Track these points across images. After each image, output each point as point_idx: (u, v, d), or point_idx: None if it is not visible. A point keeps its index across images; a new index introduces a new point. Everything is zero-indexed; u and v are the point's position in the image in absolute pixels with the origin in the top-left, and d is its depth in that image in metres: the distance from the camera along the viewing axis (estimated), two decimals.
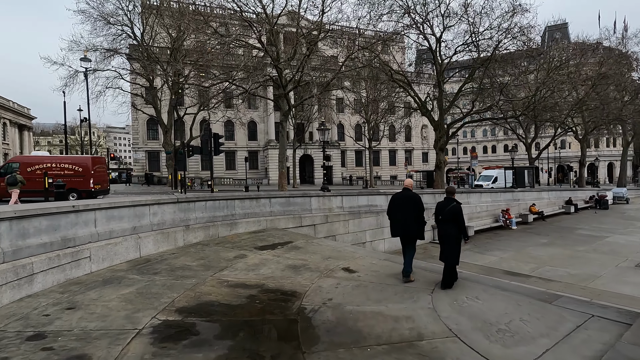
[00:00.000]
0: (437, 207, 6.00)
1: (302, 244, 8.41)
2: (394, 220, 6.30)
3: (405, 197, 6.29)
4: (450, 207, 5.77)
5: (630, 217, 21.58)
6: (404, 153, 52.66)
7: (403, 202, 6.25)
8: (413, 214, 6.14)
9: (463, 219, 5.80)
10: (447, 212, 5.76)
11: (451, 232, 5.75)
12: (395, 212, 6.29)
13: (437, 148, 20.05)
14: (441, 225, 5.93)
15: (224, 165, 40.85)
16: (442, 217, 5.84)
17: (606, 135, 46.90)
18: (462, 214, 5.80)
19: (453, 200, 5.87)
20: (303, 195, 11.93)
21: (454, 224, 5.76)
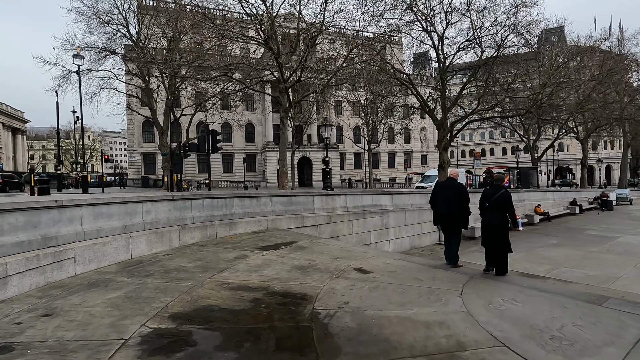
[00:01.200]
0: (482, 195, 5.84)
1: (307, 244, 7.83)
2: (438, 209, 6.24)
3: (449, 186, 6.19)
4: (499, 194, 5.53)
5: (637, 217, 21.18)
6: (403, 155, 52.29)
7: (447, 191, 6.13)
8: (457, 203, 6.02)
9: (513, 206, 5.55)
10: (496, 200, 5.51)
11: (498, 220, 5.53)
12: (439, 201, 6.19)
13: (441, 148, 19.57)
14: (488, 212, 5.69)
15: (221, 168, 40.21)
16: (489, 204, 5.60)
17: (605, 137, 46.75)
18: (512, 200, 5.57)
19: (501, 187, 5.69)
20: (305, 194, 11.37)
21: (502, 211, 5.57)
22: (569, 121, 31.44)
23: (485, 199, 5.74)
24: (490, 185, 5.97)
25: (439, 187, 6.42)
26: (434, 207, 6.40)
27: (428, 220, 14.92)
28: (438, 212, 6.25)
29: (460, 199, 6.01)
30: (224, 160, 40.22)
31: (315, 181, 42.72)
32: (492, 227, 5.55)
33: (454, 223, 6.14)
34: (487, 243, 5.77)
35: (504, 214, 5.53)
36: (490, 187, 5.83)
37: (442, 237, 15.46)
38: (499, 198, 5.54)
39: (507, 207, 5.55)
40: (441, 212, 6.19)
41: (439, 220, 6.30)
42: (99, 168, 60.05)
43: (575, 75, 25.13)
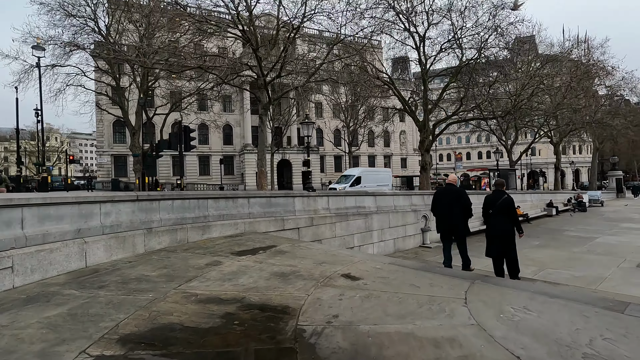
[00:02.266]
0: (485, 201, 5.86)
1: (288, 247, 7.18)
2: (438, 215, 6.22)
3: (449, 192, 6.16)
4: (502, 199, 5.52)
5: (611, 218, 21.71)
6: (383, 158, 52.41)
7: (447, 198, 6.08)
8: (458, 210, 6.01)
9: (516, 212, 5.51)
10: (499, 205, 5.49)
11: (504, 226, 5.56)
12: (440, 208, 6.17)
13: (423, 149, 19.40)
14: (492, 219, 5.70)
15: (197, 170, 38.86)
16: (493, 210, 5.59)
17: (575, 142, 48.55)
18: (515, 206, 5.57)
19: (504, 193, 5.68)
20: (285, 195, 10.71)
21: (507, 217, 5.60)
22: (544, 125, 32.27)
23: (489, 206, 5.71)
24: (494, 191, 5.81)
25: (439, 193, 6.35)
26: (435, 214, 6.34)
27: (412, 223, 14.57)
28: (439, 220, 6.15)
29: (462, 205, 5.94)
30: (200, 162, 38.90)
31: (295, 184, 42.02)
32: (499, 234, 5.52)
33: (457, 230, 6.10)
34: (493, 251, 5.76)
35: (508, 219, 5.51)
36: (493, 193, 5.78)
37: (426, 240, 15.16)
38: (503, 204, 5.51)
39: (510, 212, 5.53)
40: (443, 219, 6.10)
41: (442, 228, 6.19)
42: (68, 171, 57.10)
43: (548, 81, 25.74)
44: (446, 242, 6.57)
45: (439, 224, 6.32)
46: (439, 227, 6.37)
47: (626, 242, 14.23)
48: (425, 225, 15.04)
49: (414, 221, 14.59)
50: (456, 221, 6.00)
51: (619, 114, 34.88)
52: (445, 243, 6.57)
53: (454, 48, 17.94)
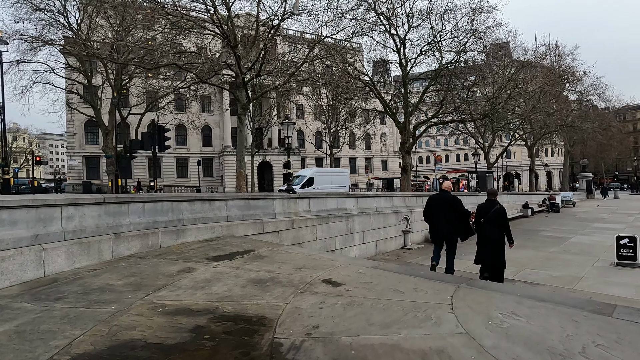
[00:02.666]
0: (478, 209, 5.89)
1: (267, 252, 6.88)
2: (432, 222, 6.21)
3: (442, 198, 6.10)
4: (495, 209, 5.55)
5: (583, 218, 22.44)
6: (364, 160, 52.63)
7: (440, 204, 6.05)
8: (452, 216, 5.97)
9: (508, 221, 5.57)
10: (492, 214, 5.52)
11: (495, 235, 5.61)
12: (433, 214, 6.14)
13: (404, 151, 19.46)
14: (483, 227, 5.70)
15: (174, 172, 37.76)
16: (485, 219, 5.61)
17: (548, 145, 50.27)
18: (507, 216, 5.61)
19: (496, 202, 5.69)
20: (265, 197, 10.39)
21: (498, 226, 5.63)
22: (519, 129, 33.20)
23: (481, 214, 5.71)
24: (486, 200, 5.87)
25: (432, 200, 6.29)
26: (428, 220, 6.34)
27: (393, 224, 14.51)
28: (432, 226, 6.20)
29: (455, 211, 5.94)
30: (178, 164, 37.83)
31: (275, 186, 41.50)
32: (490, 242, 5.55)
33: (448, 235, 6.09)
34: (483, 260, 5.81)
35: (500, 229, 5.54)
36: (485, 202, 5.77)
37: (407, 241, 15.14)
38: (495, 213, 5.53)
39: (502, 222, 5.56)
40: (435, 226, 6.11)
41: (433, 234, 6.24)
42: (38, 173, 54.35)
43: (523, 85, 26.47)
44: (437, 245, 6.53)
45: (432, 229, 6.38)
46: (432, 233, 6.46)
47: (599, 242, 14.66)
48: (406, 227, 15.02)
49: (396, 223, 14.54)
50: (448, 228, 6.02)
51: (589, 119, 36.36)
52: (436, 246, 6.54)
53: (433, 51, 18.16)
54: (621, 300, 7.88)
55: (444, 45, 17.85)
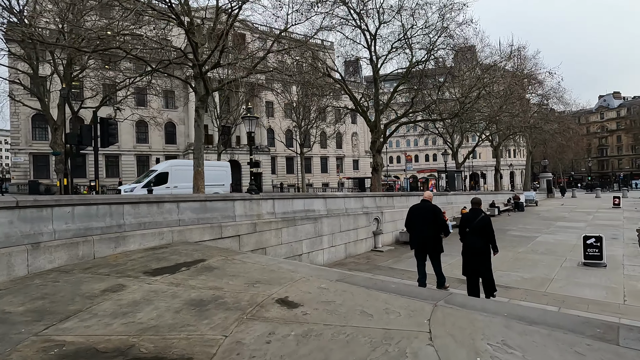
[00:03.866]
0: (462, 219, 5.85)
1: (219, 262, 6.00)
2: (413, 232, 6.20)
3: (423, 208, 6.12)
4: (479, 218, 5.51)
5: (546, 217, 23.04)
6: (335, 160, 52.24)
7: (421, 214, 6.05)
8: (433, 226, 5.99)
9: (493, 231, 5.50)
10: (477, 224, 5.46)
11: (481, 245, 5.54)
12: (414, 224, 6.15)
13: (374, 150, 19.03)
14: (468, 237, 5.63)
15: (135, 171, 35.52)
16: (470, 229, 5.55)
17: (512, 146, 52.10)
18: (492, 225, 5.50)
19: (480, 212, 5.65)
20: (224, 198, 9.45)
21: (484, 236, 5.57)
22: (486, 129, 33.95)
23: (465, 224, 5.66)
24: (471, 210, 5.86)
25: (414, 209, 6.26)
26: (409, 230, 6.33)
27: (364, 226, 13.95)
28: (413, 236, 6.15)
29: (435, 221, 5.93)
30: (138, 163, 35.61)
31: (244, 186, 40.14)
32: (475, 252, 5.48)
33: (432, 247, 6.07)
34: (469, 271, 5.74)
35: (485, 239, 5.49)
36: (470, 212, 5.75)
37: (377, 243, 14.64)
38: (480, 223, 5.48)
39: (487, 232, 5.50)
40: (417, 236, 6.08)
41: (415, 244, 6.15)
42: None
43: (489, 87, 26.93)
44: (420, 259, 6.47)
45: (413, 240, 6.31)
46: (412, 243, 6.35)
47: (564, 241, 14.86)
48: (377, 228, 14.53)
49: (366, 224, 14.00)
50: (430, 238, 6.04)
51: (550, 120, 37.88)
52: (419, 260, 6.47)
53: (404, 48, 17.85)
54: (594, 304, 7.69)
55: (415, 42, 17.66)
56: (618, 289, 8.56)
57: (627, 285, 8.78)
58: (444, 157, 24.38)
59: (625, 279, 9.31)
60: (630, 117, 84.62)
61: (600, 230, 17.46)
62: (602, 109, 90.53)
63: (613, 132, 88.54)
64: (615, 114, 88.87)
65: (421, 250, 6.31)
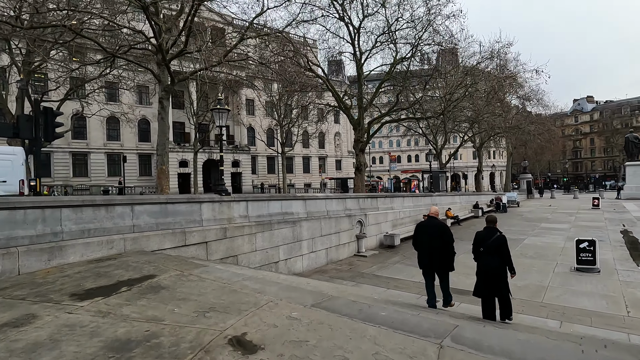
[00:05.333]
0: (476, 238, 5.56)
1: (171, 279, 4.95)
2: (420, 251, 5.99)
3: (431, 225, 5.93)
4: (494, 237, 5.23)
5: (529, 218, 22.82)
6: (317, 160, 51.29)
7: (429, 232, 5.88)
8: (441, 244, 5.77)
9: (509, 251, 5.21)
10: (492, 244, 5.19)
11: (496, 266, 5.19)
12: (421, 242, 5.98)
13: (358, 149, 18.22)
14: (483, 258, 5.33)
15: (105, 170, 33.53)
16: (484, 249, 5.28)
17: (493, 147, 52.57)
18: (507, 245, 5.24)
19: (496, 230, 5.37)
20: (188, 200, 8.34)
21: (499, 256, 5.22)
22: (470, 130, 33.81)
23: (479, 244, 5.37)
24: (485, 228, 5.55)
25: (421, 227, 6.13)
26: (416, 248, 6.13)
27: (346, 229, 13.07)
28: (421, 254, 6.01)
29: (444, 239, 5.76)
30: (109, 161, 33.61)
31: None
32: (491, 275, 5.13)
33: (440, 265, 5.85)
34: (483, 292, 5.34)
35: (500, 259, 5.14)
36: (484, 230, 5.48)
37: (361, 247, 13.79)
38: (495, 242, 5.17)
39: (503, 252, 5.15)
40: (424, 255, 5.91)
41: (423, 263, 6.00)
42: None
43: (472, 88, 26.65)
44: (428, 278, 6.12)
45: (420, 259, 6.02)
46: (420, 262, 6.05)
47: (552, 244, 14.42)
48: (360, 231, 13.67)
49: (349, 227, 13.12)
50: (439, 257, 5.79)
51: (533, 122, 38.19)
52: (428, 279, 6.13)
53: (388, 42, 17.13)
54: (596, 316, 7.05)
55: (400, 37, 16.95)
56: (618, 299, 7.98)
57: (627, 294, 8.22)
58: (429, 157, 23.83)
59: (623, 287, 8.77)
60: (602, 120, 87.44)
61: (584, 232, 17.26)
62: (576, 112, 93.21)
63: (586, 134, 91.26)
64: (588, 118, 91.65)
65: (429, 270, 6.01)
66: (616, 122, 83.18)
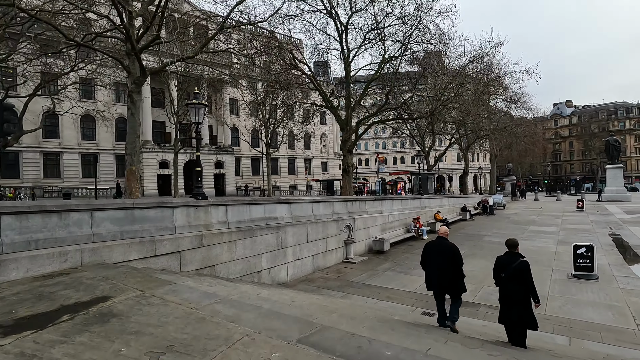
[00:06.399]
0: (497, 263, 5.30)
1: (128, 302, 4.11)
2: (429, 272, 5.91)
3: (440, 246, 5.82)
4: (517, 263, 4.97)
5: (517, 221, 22.65)
6: (303, 162, 50.47)
7: (439, 253, 5.77)
8: (451, 267, 5.62)
9: (532, 278, 4.93)
10: (514, 270, 4.95)
11: (518, 293, 4.87)
12: (430, 263, 5.87)
13: (345, 150, 17.55)
14: (504, 284, 5.09)
15: (79, 172, 31.85)
16: (505, 274, 5.06)
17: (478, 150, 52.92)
18: (531, 271, 4.96)
19: (518, 256, 5.11)
20: (159, 205, 7.44)
21: (521, 283, 4.95)
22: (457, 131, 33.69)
23: (501, 269, 5.13)
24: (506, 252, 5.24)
25: (430, 247, 5.97)
26: (425, 269, 6.04)
27: (334, 234, 12.34)
28: (429, 276, 5.90)
29: (454, 262, 5.62)
30: (84, 161, 31.90)
31: (205, 188, 37.30)
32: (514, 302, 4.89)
33: (451, 289, 5.68)
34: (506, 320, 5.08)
35: (523, 286, 4.86)
36: (505, 255, 5.21)
37: (349, 253, 13.08)
38: (517, 268, 4.90)
39: (526, 278, 4.86)
40: (433, 276, 5.79)
41: (432, 286, 5.85)
42: None
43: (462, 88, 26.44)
44: (440, 300, 5.88)
45: (429, 280, 5.85)
46: (428, 283, 5.87)
47: (544, 248, 14.06)
48: (348, 236, 12.98)
49: (336, 232, 12.40)
50: (449, 279, 5.60)
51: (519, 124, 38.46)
52: (439, 301, 5.88)
53: (377, 40, 16.56)
54: (605, 330, 6.54)
55: (389, 34, 16.40)
56: (623, 310, 7.53)
57: (631, 304, 7.78)
58: (417, 159, 23.39)
59: (625, 295, 8.35)
60: (581, 124, 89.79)
61: (574, 235, 17.08)
62: (556, 116, 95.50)
63: (566, 138, 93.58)
64: (567, 122, 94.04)
65: (440, 292, 5.80)
66: (594, 126, 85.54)
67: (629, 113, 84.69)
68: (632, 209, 27.42)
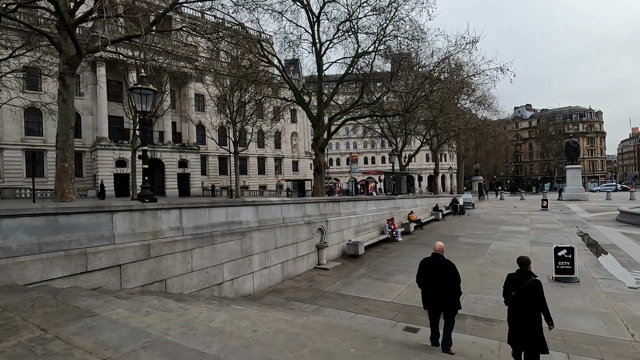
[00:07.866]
0: (507, 281, 4.82)
1: (11, 355, 2.90)
2: (426, 292, 5.49)
3: (437, 264, 5.43)
4: (529, 282, 4.50)
5: (488, 221, 22.70)
6: (273, 161, 49.06)
7: (435, 271, 5.38)
8: (448, 285, 5.22)
9: (545, 299, 4.45)
10: (525, 290, 4.44)
11: (529, 314, 4.41)
12: (427, 281, 5.47)
13: (317, 148, 16.63)
14: (514, 304, 4.56)
15: (23, 171, 28.82)
16: (516, 293, 4.52)
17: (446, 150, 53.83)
18: (543, 292, 4.46)
19: (530, 274, 4.64)
20: (94, 210, 6.11)
21: (533, 304, 4.36)
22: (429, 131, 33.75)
23: (511, 288, 4.71)
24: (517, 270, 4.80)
25: (425, 265, 5.61)
26: (420, 286, 5.65)
27: (305, 239, 11.34)
28: (426, 294, 5.51)
29: (452, 280, 5.27)
30: (29, 159, 28.86)
31: (169, 188, 35.33)
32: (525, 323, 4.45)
33: (448, 307, 5.28)
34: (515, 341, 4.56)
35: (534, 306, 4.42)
36: (516, 273, 4.84)
37: (322, 259, 12.14)
38: (529, 288, 4.48)
39: (538, 298, 4.42)
40: (429, 295, 5.44)
41: (429, 304, 5.48)
42: None
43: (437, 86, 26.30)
44: (434, 318, 5.46)
45: (426, 298, 5.47)
46: (425, 302, 5.50)
47: (519, 249, 13.79)
48: (321, 240, 12.04)
49: (308, 236, 11.42)
50: (445, 298, 5.22)
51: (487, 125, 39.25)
52: (433, 319, 5.47)
53: (350, 33, 15.78)
54: (602, 343, 6.03)
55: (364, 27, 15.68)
56: (613, 317, 7.11)
57: (619, 310, 7.40)
58: (391, 158, 22.89)
59: (610, 300, 8.00)
60: (539, 127, 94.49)
61: (544, 234, 17.14)
62: (517, 119, 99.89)
63: (526, 140, 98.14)
64: (527, 124, 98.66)
65: (435, 310, 5.41)
66: (551, 129, 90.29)
67: (582, 117, 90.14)
68: (592, 207, 28.50)
